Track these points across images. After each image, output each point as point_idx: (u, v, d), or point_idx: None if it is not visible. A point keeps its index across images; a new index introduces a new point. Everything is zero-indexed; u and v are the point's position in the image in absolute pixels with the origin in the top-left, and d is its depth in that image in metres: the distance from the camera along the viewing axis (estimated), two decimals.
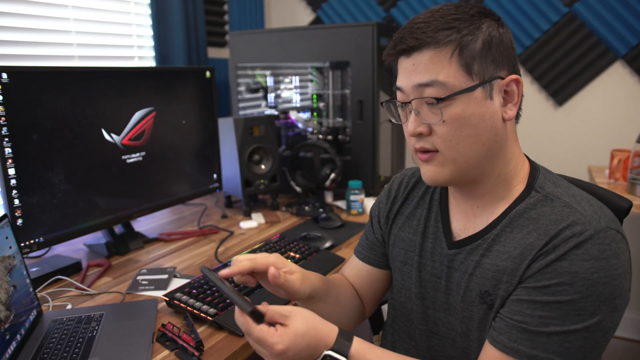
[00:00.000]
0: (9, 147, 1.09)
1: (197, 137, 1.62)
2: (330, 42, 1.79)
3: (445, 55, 0.68)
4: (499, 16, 0.73)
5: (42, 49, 1.55)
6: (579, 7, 1.98)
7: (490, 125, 0.70)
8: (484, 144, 0.71)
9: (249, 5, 2.48)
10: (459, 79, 0.68)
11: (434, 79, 0.68)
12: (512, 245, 0.71)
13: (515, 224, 0.72)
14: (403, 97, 0.74)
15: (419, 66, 0.69)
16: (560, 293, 0.63)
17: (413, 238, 0.86)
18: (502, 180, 0.75)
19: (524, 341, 0.65)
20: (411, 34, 0.69)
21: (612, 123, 2.04)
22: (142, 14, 1.90)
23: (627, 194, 1.68)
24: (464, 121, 0.69)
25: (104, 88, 1.29)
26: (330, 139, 1.91)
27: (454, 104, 0.68)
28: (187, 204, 1.86)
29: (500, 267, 0.71)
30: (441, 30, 0.68)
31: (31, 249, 1.15)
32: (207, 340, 0.93)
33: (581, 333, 0.63)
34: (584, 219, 0.66)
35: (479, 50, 0.69)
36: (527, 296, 0.66)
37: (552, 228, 0.67)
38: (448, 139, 0.70)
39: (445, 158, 0.72)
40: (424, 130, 0.71)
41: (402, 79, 0.72)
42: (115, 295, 1.13)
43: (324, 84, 1.96)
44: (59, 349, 0.88)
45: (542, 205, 0.71)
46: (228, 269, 0.75)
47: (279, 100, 2.10)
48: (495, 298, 0.71)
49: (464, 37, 0.68)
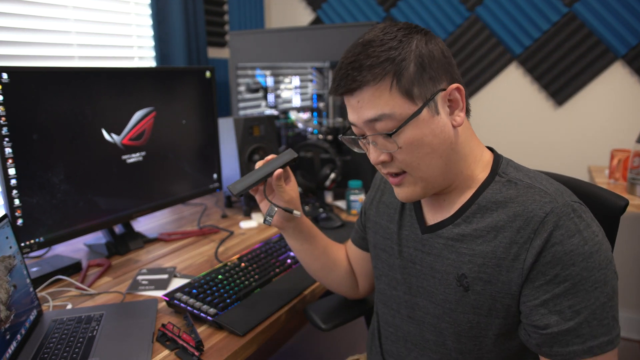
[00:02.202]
0: (9, 147, 1.09)
1: (197, 137, 1.62)
2: (330, 42, 1.79)
3: (385, 89, 0.70)
4: (425, 29, 0.74)
5: (42, 49, 1.55)
6: (579, 7, 1.98)
7: (443, 138, 0.73)
8: (442, 156, 0.74)
9: (249, 5, 2.48)
10: (403, 106, 0.71)
11: (380, 113, 0.71)
12: (484, 229, 0.75)
13: (485, 209, 0.76)
14: (358, 130, 0.77)
15: (363, 103, 0.72)
16: (571, 276, 0.66)
17: (390, 226, 0.90)
18: (464, 176, 0.79)
19: (573, 339, 0.67)
20: (347, 77, 0.72)
21: (612, 123, 2.04)
22: (142, 14, 1.90)
23: (627, 194, 1.68)
24: (419, 143, 0.72)
25: (104, 88, 1.29)
26: (330, 139, 1.91)
27: (405, 131, 0.71)
28: (187, 204, 1.86)
29: (476, 251, 0.75)
30: (375, 66, 0.70)
31: (31, 248, 1.15)
32: (207, 340, 0.93)
33: (607, 304, 0.66)
34: (549, 197, 0.71)
35: (413, 73, 0.70)
36: (547, 293, 0.68)
37: (522, 209, 0.71)
38: (408, 162, 0.74)
39: (414, 177, 0.76)
40: (386, 158, 0.75)
41: (352, 115, 0.75)
42: (115, 295, 1.13)
43: (324, 84, 1.96)
44: (59, 349, 0.88)
45: (507, 188, 0.75)
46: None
47: (279, 100, 2.10)
48: (472, 280, 0.74)
49: (397, 64, 0.69)
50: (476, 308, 0.75)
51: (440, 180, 0.77)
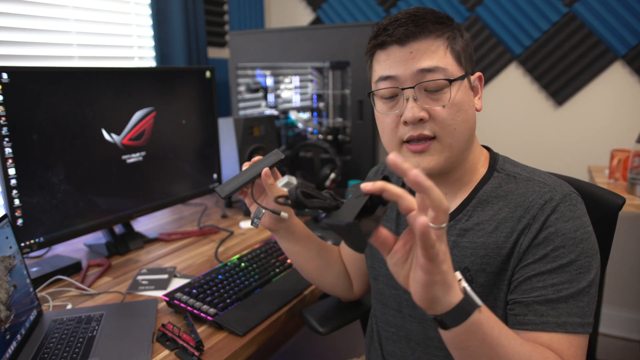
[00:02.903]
0: (9, 147, 1.09)
1: (197, 137, 1.62)
2: (330, 42, 1.79)
3: (441, 45, 0.74)
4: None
5: (42, 49, 1.55)
6: (579, 7, 1.98)
7: (473, 113, 0.78)
8: (471, 130, 0.77)
9: (249, 5, 2.48)
10: (454, 67, 0.75)
11: (435, 65, 0.73)
12: (486, 222, 0.76)
13: (486, 203, 0.78)
14: (396, 84, 0.75)
15: (418, 54, 0.73)
16: (560, 257, 0.69)
17: (387, 225, 0.90)
18: (469, 166, 0.80)
19: (549, 311, 0.68)
20: (406, 25, 0.73)
21: (612, 123, 2.04)
22: (142, 14, 1.90)
23: (627, 194, 1.68)
24: (460, 107, 0.74)
25: (104, 88, 1.29)
26: (330, 139, 1.91)
27: (452, 90, 0.73)
28: (187, 204, 1.86)
29: (477, 244, 0.76)
30: (436, 23, 0.74)
31: (31, 248, 1.15)
32: (207, 340, 0.93)
33: (587, 289, 0.69)
34: (548, 187, 0.74)
35: (462, 46, 0.76)
36: (533, 271, 0.70)
37: (522, 200, 0.74)
38: (447, 124, 0.73)
39: (443, 144, 0.74)
40: (425, 116, 0.73)
41: (395, 67, 0.74)
42: (115, 295, 1.13)
43: (324, 84, 1.96)
44: (59, 349, 0.88)
45: (507, 183, 0.78)
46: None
47: (279, 100, 2.10)
48: (475, 272, 0.76)
49: (453, 30, 0.76)
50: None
51: (459, 156, 0.77)
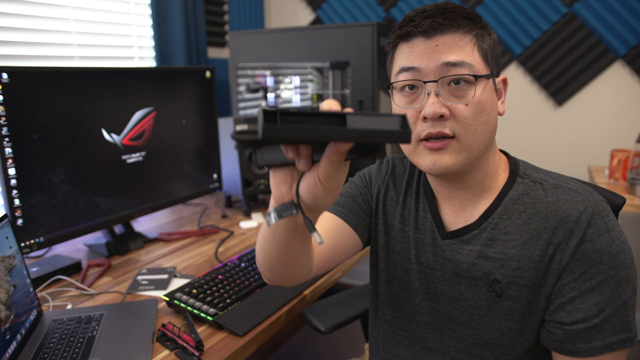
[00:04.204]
0: (9, 147, 1.09)
1: (197, 137, 1.62)
2: (330, 42, 1.79)
3: (469, 41, 0.70)
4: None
5: (42, 49, 1.55)
6: (579, 7, 1.98)
7: (495, 116, 0.74)
8: (492, 132, 0.73)
9: (249, 5, 2.48)
10: (481, 65, 0.71)
11: (462, 60, 0.69)
12: (516, 232, 0.73)
13: (512, 211, 0.74)
14: (418, 77, 0.71)
15: (444, 47, 0.69)
16: (598, 274, 0.67)
17: (405, 229, 0.85)
18: (489, 171, 0.76)
19: (595, 336, 0.67)
20: (434, 17, 0.69)
21: (612, 123, 2.04)
22: (142, 14, 1.90)
23: (627, 194, 1.68)
24: (483, 106, 0.70)
25: (104, 88, 1.29)
26: None
27: (477, 88, 0.70)
28: (187, 204, 1.86)
29: (509, 255, 0.72)
30: (465, 18, 0.70)
31: (31, 248, 1.15)
32: (207, 340, 0.93)
33: (629, 301, 0.68)
34: (580, 196, 0.71)
35: (489, 45, 0.73)
36: (574, 290, 0.68)
37: (554, 210, 0.71)
38: (469, 123, 0.69)
39: (462, 144, 0.70)
40: (446, 112, 0.69)
41: (419, 59, 0.70)
42: (115, 295, 1.13)
43: (324, 84, 1.96)
44: (59, 349, 0.88)
45: (533, 190, 0.74)
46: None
47: (279, 100, 2.10)
48: (506, 285, 0.72)
49: (481, 28, 0.72)
50: (508, 314, 0.73)
51: (478, 158, 0.73)
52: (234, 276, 1.13)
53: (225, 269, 1.17)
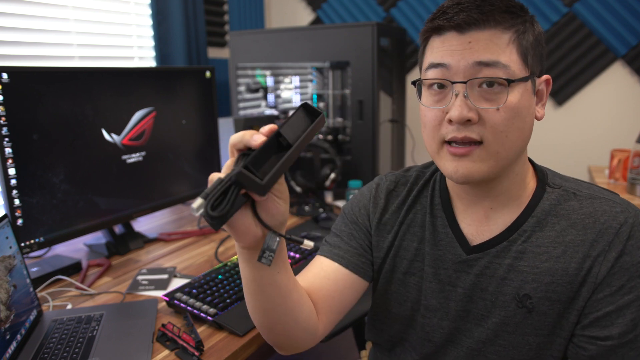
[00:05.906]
0: (9, 147, 1.09)
1: (197, 137, 1.62)
2: (330, 42, 1.79)
3: (506, 39, 0.63)
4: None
5: (42, 49, 1.55)
6: (579, 7, 1.98)
7: (531, 121, 0.68)
8: (525, 140, 0.67)
9: (249, 5, 2.49)
10: (517, 65, 0.64)
11: (496, 59, 0.62)
12: (550, 244, 0.69)
13: (545, 223, 0.69)
14: (447, 75, 0.65)
15: (477, 44, 0.63)
16: (636, 288, 0.65)
17: (418, 247, 0.79)
18: (518, 178, 0.71)
19: (629, 352, 0.65)
20: (469, 10, 0.63)
21: (612, 123, 2.04)
22: (142, 14, 1.90)
23: (627, 194, 1.68)
24: (517, 112, 0.64)
25: (104, 88, 1.29)
26: (330, 139, 1.91)
27: (512, 92, 0.63)
28: (187, 204, 1.86)
29: (541, 269, 0.68)
30: (503, 12, 0.63)
31: (31, 248, 1.15)
32: (207, 340, 0.93)
33: None
34: (619, 207, 0.68)
35: (532, 42, 0.66)
36: (611, 305, 0.65)
37: (592, 222, 0.67)
38: (499, 130, 0.63)
39: (489, 152, 0.64)
40: (474, 116, 0.63)
41: (449, 55, 0.64)
42: (115, 295, 1.13)
43: (324, 84, 1.96)
44: (59, 349, 0.88)
45: (566, 200, 0.70)
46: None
47: (279, 100, 2.10)
48: (538, 300, 0.69)
49: (523, 24, 0.65)
50: (538, 329, 0.69)
51: (505, 167, 0.67)
52: (234, 276, 1.13)
53: (225, 269, 1.17)
